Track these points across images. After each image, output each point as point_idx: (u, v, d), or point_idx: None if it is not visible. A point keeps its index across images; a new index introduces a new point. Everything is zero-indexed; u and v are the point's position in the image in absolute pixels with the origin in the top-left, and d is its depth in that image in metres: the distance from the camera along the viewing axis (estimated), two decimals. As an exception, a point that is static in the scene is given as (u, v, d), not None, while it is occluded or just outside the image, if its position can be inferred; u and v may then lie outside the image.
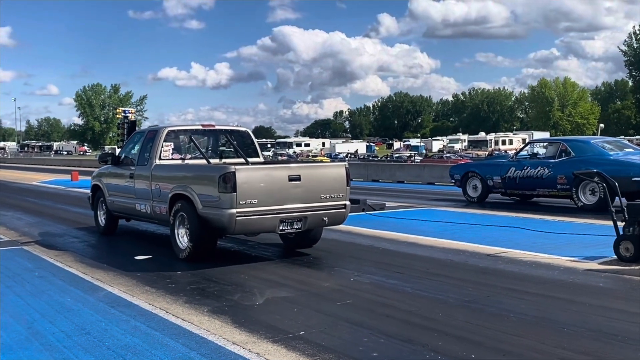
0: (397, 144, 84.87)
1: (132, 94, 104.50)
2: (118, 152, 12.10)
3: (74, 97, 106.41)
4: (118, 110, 35.54)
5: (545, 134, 71.32)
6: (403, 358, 4.31)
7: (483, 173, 14.75)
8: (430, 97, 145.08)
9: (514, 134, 71.85)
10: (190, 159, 9.13)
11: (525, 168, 13.78)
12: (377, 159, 50.99)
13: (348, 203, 8.13)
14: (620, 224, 7.35)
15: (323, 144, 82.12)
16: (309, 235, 8.43)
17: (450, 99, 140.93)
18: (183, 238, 7.85)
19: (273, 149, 70.88)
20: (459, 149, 63.32)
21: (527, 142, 22.55)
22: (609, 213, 7.57)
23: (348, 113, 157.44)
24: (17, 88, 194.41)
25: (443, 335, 4.72)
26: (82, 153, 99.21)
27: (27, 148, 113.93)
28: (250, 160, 9.24)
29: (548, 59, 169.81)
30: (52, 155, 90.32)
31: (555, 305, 5.55)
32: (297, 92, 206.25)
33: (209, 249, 7.86)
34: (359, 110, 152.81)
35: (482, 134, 77.00)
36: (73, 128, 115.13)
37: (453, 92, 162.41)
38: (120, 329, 5.01)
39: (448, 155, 46.01)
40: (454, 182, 15.97)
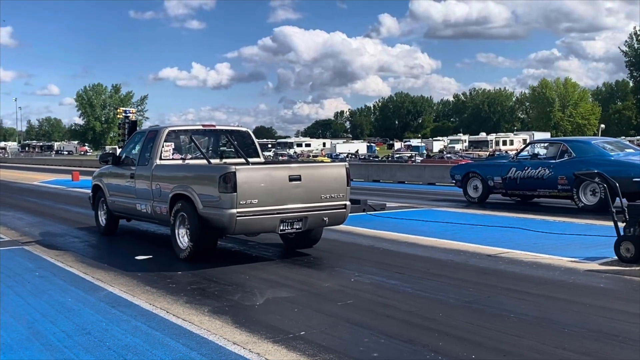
0: (397, 145, 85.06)
1: (133, 94, 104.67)
2: (119, 152, 12.09)
3: (75, 97, 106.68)
4: (119, 110, 35.49)
5: (546, 135, 71.26)
6: (403, 358, 4.31)
7: (484, 173, 14.74)
8: (431, 97, 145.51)
9: (515, 135, 71.83)
10: (191, 159, 9.13)
11: (526, 168, 13.78)
12: (377, 159, 51.04)
13: (348, 203, 8.14)
14: (621, 225, 7.35)
15: (324, 144, 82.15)
16: (310, 236, 8.43)
17: (451, 100, 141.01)
18: (183, 238, 7.85)
19: (274, 149, 70.97)
20: (460, 150, 63.34)
21: (527, 142, 22.59)
22: (610, 214, 7.56)
23: (349, 113, 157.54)
24: (17, 88, 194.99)
25: (444, 336, 4.72)
26: (82, 153, 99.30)
27: (27, 148, 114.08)
28: (251, 161, 9.24)
29: (549, 60, 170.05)
30: (52, 155, 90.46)
31: (556, 306, 5.55)
32: (297, 92, 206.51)
33: (210, 249, 7.87)
34: (360, 111, 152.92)
35: (482, 135, 76.96)
36: (74, 128, 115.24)
37: (454, 92, 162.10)
38: (121, 329, 5.01)
39: (449, 156, 46.06)
40: (455, 182, 15.97)
